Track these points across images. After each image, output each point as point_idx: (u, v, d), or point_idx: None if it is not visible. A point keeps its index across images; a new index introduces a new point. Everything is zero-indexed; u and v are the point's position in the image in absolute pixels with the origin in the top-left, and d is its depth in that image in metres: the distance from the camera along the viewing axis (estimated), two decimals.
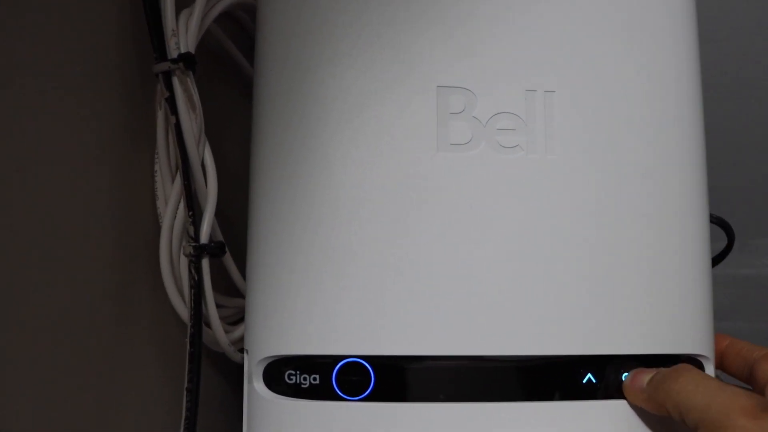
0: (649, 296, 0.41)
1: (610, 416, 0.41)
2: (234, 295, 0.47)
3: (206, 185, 0.42)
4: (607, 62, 0.43)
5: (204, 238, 0.41)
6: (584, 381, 0.41)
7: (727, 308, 0.73)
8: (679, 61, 0.44)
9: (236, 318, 0.48)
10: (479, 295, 0.40)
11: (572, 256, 0.41)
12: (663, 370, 0.39)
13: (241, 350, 0.43)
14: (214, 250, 0.41)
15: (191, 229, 0.40)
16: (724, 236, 0.52)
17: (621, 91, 0.43)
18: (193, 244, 0.40)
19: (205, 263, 0.41)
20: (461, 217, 0.41)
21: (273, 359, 0.41)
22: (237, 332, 0.45)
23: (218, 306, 0.46)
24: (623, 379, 0.41)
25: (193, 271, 0.40)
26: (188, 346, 0.39)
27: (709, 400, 0.35)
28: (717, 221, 0.47)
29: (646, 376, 0.39)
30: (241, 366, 0.42)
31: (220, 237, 0.43)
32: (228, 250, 0.44)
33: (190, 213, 0.40)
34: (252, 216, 0.43)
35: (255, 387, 0.41)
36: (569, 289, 0.41)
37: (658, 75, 0.44)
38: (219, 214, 0.44)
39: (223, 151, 0.47)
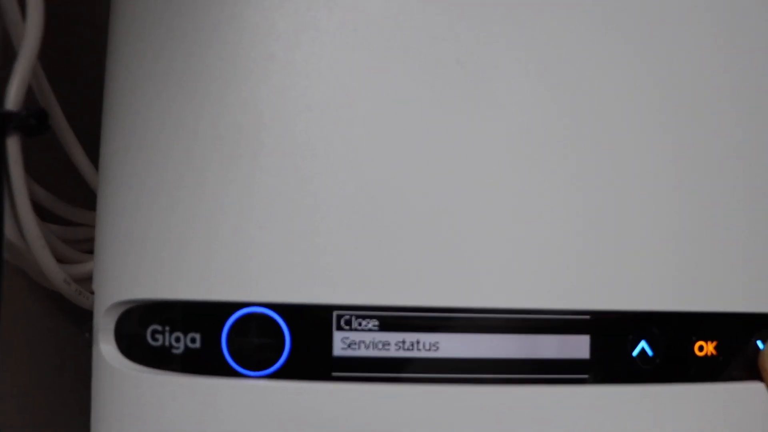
0: (737, 231, 0.25)
1: (674, 409, 0.25)
2: (92, 208, 0.31)
3: (24, 21, 0.25)
4: None
5: (11, 102, 0.24)
6: (635, 353, 0.25)
7: None
8: None
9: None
10: (454, 213, 0.24)
11: (615, 152, 0.25)
12: None
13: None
14: (25, 123, 0.24)
15: None
16: None
17: None
18: None
19: (13, 144, 0.24)
20: (429, 81, 0.25)
21: (129, 306, 0.25)
22: (90, 264, 0.29)
23: (61, 221, 0.29)
24: (759, 347, 0.26)
25: None
26: None
27: None
28: None
29: None
30: None
31: (51, 103, 0.27)
32: (74, 132, 0.28)
33: None
34: (109, 77, 0.26)
35: (101, 350, 0.25)
36: (599, 205, 0.25)
37: None
38: (57, 69, 0.27)
39: None
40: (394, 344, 0.25)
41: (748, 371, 0.26)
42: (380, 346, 0.24)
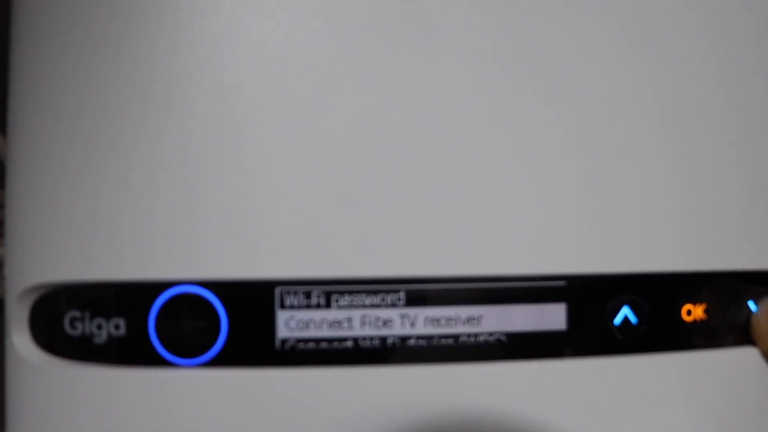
0: (731, 184, 0.23)
1: (662, 381, 0.22)
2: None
3: None
4: None
5: None
6: (617, 321, 0.22)
7: None
8: None
9: None
10: (413, 169, 0.22)
11: (588, 99, 0.22)
12: None
13: None
14: None
15: None
16: None
17: None
18: None
19: None
20: (374, 19, 0.21)
21: (44, 291, 0.22)
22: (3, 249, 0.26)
23: None
24: (751, 309, 0.23)
25: None
26: None
27: None
28: None
29: None
30: None
31: None
32: None
33: None
34: (15, 42, 0.23)
35: (15, 342, 0.22)
36: (573, 157, 0.22)
37: None
38: None
39: None
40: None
41: (741, 336, 0.23)
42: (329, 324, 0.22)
